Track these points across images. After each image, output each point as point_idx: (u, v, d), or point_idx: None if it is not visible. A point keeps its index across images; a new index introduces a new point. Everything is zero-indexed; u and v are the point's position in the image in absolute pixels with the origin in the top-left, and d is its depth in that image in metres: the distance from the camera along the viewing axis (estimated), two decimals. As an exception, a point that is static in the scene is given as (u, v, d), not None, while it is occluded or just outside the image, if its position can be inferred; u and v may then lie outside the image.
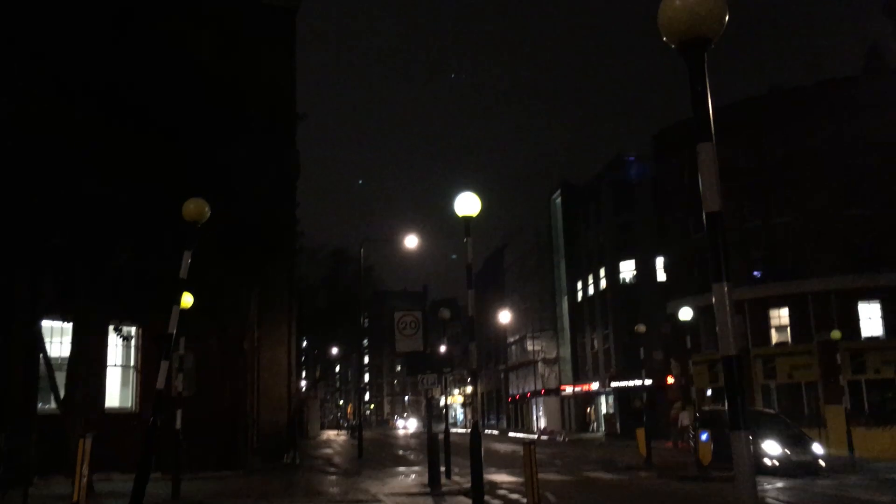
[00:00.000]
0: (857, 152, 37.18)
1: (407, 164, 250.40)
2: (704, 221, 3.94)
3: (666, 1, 3.97)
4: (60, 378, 16.32)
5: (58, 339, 18.63)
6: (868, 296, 36.88)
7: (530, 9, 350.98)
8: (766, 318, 39.08)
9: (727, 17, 3.95)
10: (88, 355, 16.71)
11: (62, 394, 16.06)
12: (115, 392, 21.06)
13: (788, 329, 38.71)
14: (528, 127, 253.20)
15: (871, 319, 37.08)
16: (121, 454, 15.59)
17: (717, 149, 3.96)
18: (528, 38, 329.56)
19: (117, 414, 20.31)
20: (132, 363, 21.08)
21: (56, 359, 17.23)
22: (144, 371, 20.41)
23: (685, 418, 35.85)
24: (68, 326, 17.58)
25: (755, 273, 39.50)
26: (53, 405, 16.44)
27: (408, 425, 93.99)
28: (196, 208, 10.14)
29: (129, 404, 21.02)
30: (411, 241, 35.77)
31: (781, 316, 39.02)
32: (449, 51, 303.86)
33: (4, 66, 12.16)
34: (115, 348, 20.61)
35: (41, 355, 16.11)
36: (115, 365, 20.92)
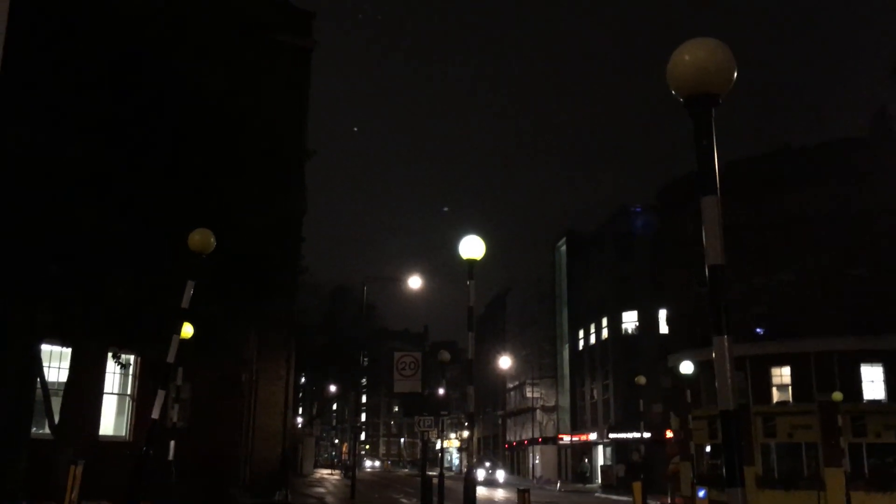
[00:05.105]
0: (860, 214, 37.28)
1: (414, 205, 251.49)
2: (707, 274, 3.93)
3: (675, 56, 4.02)
4: (56, 403, 16.24)
5: (56, 364, 18.57)
6: (870, 358, 36.63)
7: (541, 61, 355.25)
8: (768, 376, 38.79)
9: (735, 75, 4.00)
10: (85, 382, 16.63)
11: (57, 419, 15.97)
12: (110, 420, 20.94)
13: (790, 388, 38.39)
14: (536, 175, 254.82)
15: (873, 382, 36.79)
16: (112, 482, 15.42)
17: (720, 204, 3.97)
18: (540, 88, 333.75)
19: (111, 442, 20.17)
20: (129, 391, 20.99)
21: (53, 383, 17.15)
22: (140, 400, 20.30)
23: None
24: (68, 351, 17.52)
25: (758, 329, 39.30)
26: (47, 430, 16.33)
27: (496, 476, 60.76)
28: (202, 239, 10.17)
29: (124, 433, 20.88)
30: (414, 282, 35.88)
31: (783, 374, 38.73)
32: (461, 97, 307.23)
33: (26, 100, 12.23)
34: (113, 376, 20.53)
35: (38, 379, 16.04)
36: (112, 392, 20.83)
